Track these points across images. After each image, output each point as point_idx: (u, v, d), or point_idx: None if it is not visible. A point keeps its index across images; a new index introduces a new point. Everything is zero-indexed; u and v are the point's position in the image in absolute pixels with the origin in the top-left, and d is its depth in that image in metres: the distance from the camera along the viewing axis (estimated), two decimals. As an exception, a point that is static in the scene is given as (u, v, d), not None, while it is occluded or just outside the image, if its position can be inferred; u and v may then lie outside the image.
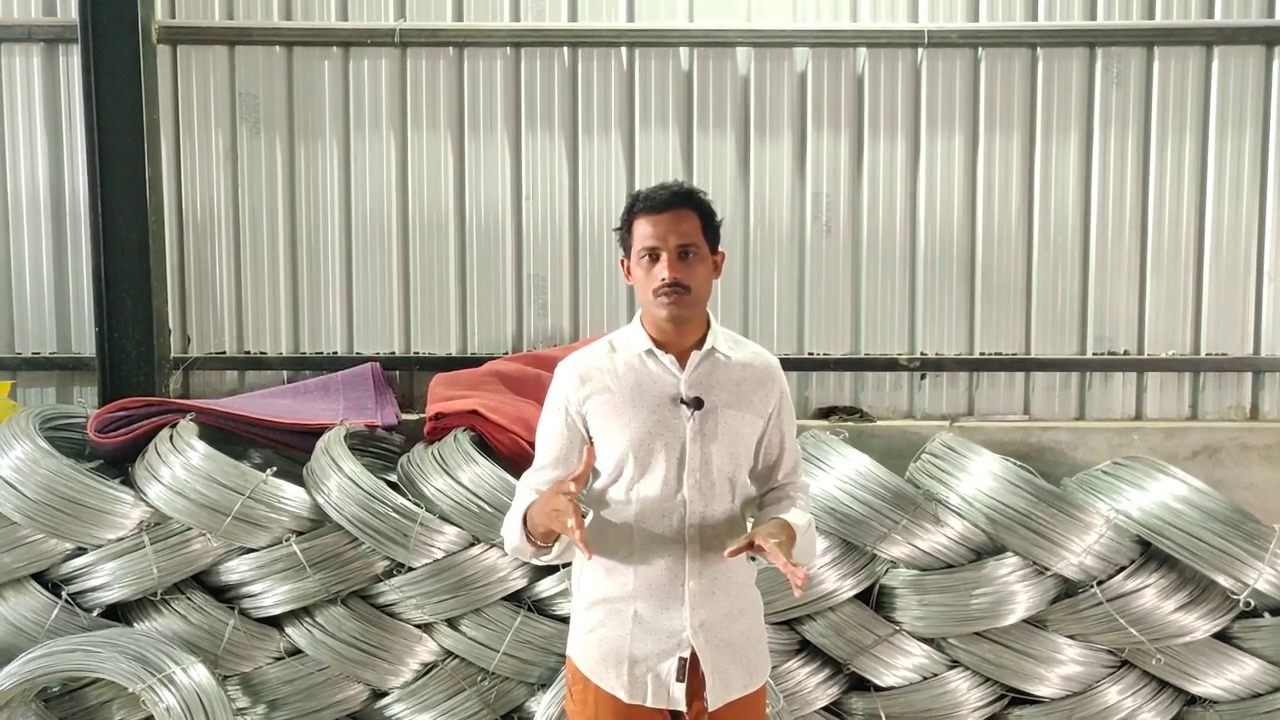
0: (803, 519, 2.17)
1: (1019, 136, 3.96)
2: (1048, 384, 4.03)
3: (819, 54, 3.95)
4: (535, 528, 2.09)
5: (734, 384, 2.18)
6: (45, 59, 3.95)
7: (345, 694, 3.35)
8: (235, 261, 4.02)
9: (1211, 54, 3.94)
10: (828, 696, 3.35)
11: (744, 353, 2.24)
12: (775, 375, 2.25)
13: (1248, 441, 3.82)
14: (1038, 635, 3.28)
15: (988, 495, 3.26)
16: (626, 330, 2.26)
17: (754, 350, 2.27)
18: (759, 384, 2.21)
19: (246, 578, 3.29)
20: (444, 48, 3.96)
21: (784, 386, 2.27)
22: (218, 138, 3.98)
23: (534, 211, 4.01)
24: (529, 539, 2.12)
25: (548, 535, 2.08)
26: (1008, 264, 3.99)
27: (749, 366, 2.21)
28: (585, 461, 2.06)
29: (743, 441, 2.18)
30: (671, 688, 2.14)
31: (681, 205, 2.14)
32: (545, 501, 2.05)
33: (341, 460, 3.28)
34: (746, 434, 2.18)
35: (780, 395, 2.25)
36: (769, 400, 2.22)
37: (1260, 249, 3.98)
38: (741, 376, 2.19)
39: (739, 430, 2.17)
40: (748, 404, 2.19)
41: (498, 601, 3.29)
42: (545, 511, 2.03)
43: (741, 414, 2.17)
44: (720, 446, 2.14)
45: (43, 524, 3.22)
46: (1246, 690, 3.31)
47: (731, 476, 2.17)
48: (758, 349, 2.28)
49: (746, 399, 2.19)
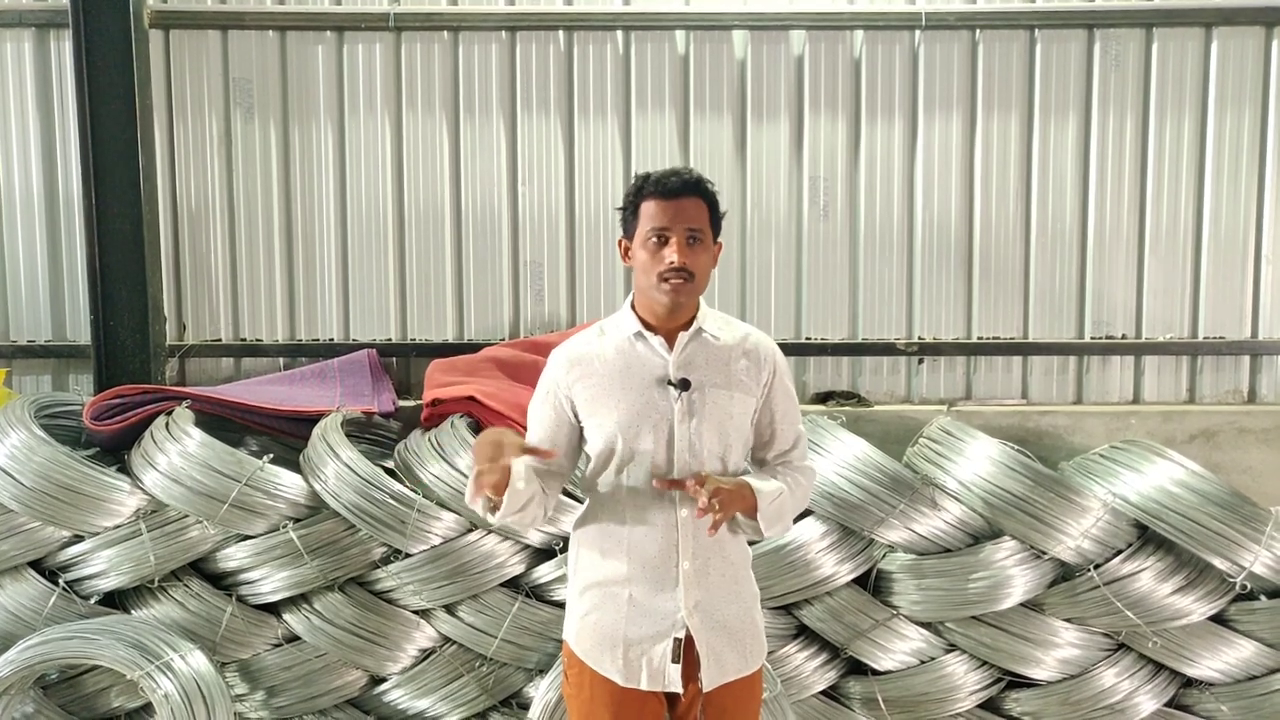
0: (769, 485, 2.16)
1: (1017, 119, 3.94)
2: (1045, 368, 4.02)
3: (816, 37, 3.92)
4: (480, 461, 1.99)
5: (722, 364, 2.18)
6: (36, 44, 3.92)
7: (343, 680, 3.36)
8: (230, 248, 4.00)
9: (1210, 35, 3.91)
10: (826, 681, 3.36)
11: (734, 333, 2.24)
12: (767, 355, 2.24)
13: (1245, 425, 3.82)
14: (1035, 619, 3.29)
15: (985, 479, 3.26)
16: (617, 315, 2.26)
17: (745, 331, 2.27)
18: (749, 363, 2.21)
19: (244, 565, 3.29)
20: (439, 31, 3.93)
21: (779, 366, 2.26)
22: (211, 123, 3.95)
23: (530, 197, 3.99)
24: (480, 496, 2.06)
25: (498, 488, 2.01)
26: (1005, 247, 3.98)
27: (739, 347, 2.22)
28: (548, 452, 2.10)
29: (733, 421, 2.17)
30: (667, 670, 2.14)
31: (693, 193, 2.16)
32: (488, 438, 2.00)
33: (338, 447, 3.28)
34: (737, 413, 2.18)
35: (773, 374, 2.24)
36: (759, 379, 2.22)
37: (1258, 232, 3.97)
38: (730, 356, 2.19)
39: (728, 410, 2.16)
40: (737, 384, 2.18)
41: (495, 587, 3.30)
42: (481, 443, 1.98)
43: (730, 394, 2.17)
44: (709, 426, 2.14)
45: (39, 512, 3.22)
46: (1243, 672, 3.32)
47: (722, 456, 2.17)
48: (750, 329, 2.28)
49: (736, 379, 2.18)
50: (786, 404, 2.28)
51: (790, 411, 2.29)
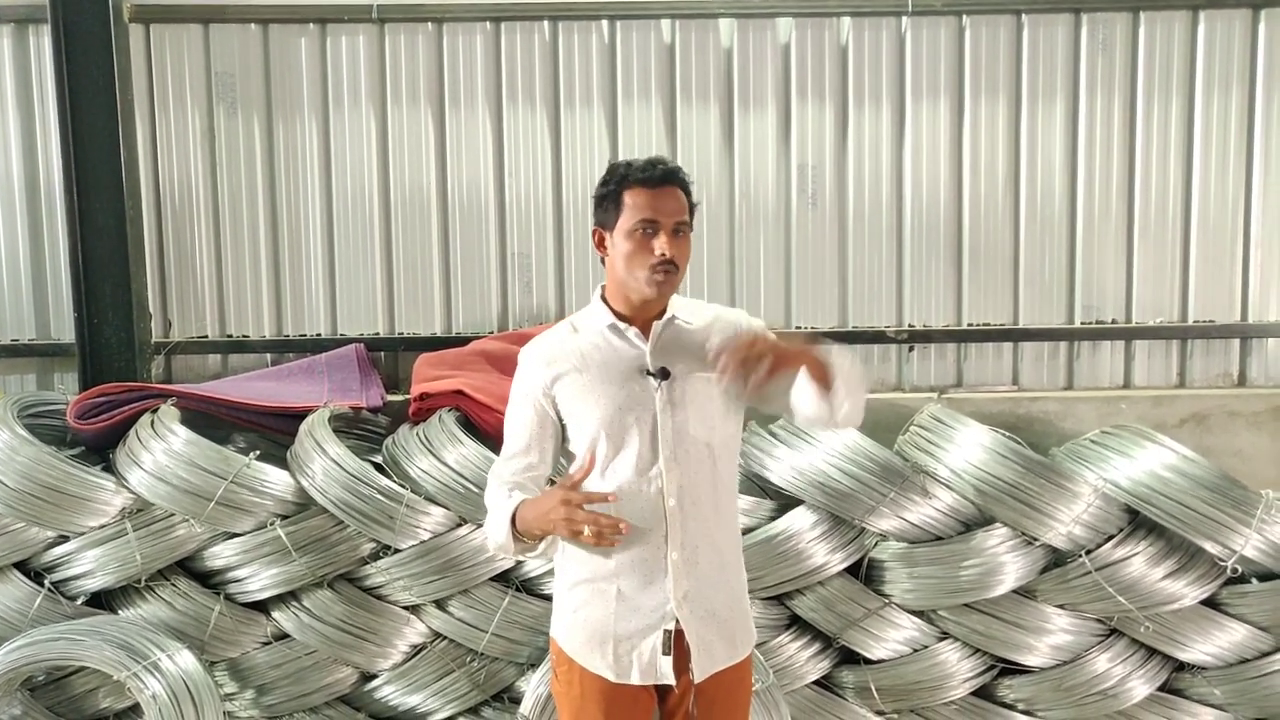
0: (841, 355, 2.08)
1: (1005, 104, 3.92)
2: (1036, 354, 4.01)
3: (802, 24, 3.90)
4: (529, 529, 2.07)
5: (698, 346, 2.16)
6: (15, 39, 3.87)
7: (334, 677, 3.34)
8: (215, 243, 3.96)
9: (1197, 18, 3.89)
10: (818, 670, 3.35)
11: (705, 316, 2.23)
12: (738, 324, 2.21)
13: (1235, 408, 3.81)
14: (1027, 605, 3.29)
15: (976, 467, 3.25)
16: (587, 309, 2.24)
17: (714, 312, 2.25)
18: (724, 340, 2.18)
19: (232, 563, 3.27)
20: (422, 23, 3.89)
21: (752, 325, 2.21)
22: (194, 118, 3.91)
23: (517, 188, 3.96)
24: (517, 538, 2.10)
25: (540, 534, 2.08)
26: (995, 233, 3.97)
27: (710, 328, 2.20)
28: (584, 468, 2.06)
29: (714, 403, 2.16)
30: (659, 663, 2.13)
31: (675, 182, 2.14)
32: (542, 507, 2.03)
33: (326, 443, 3.25)
34: (718, 394, 2.15)
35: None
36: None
37: (1247, 215, 3.95)
38: (705, 338, 2.17)
39: (709, 393, 2.14)
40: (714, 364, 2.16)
41: (486, 582, 3.28)
42: (544, 517, 2.02)
43: (708, 377, 2.13)
44: (692, 412, 2.13)
45: (23, 512, 3.19)
46: (1235, 656, 3.32)
47: (708, 441, 2.15)
48: (718, 309, 2.27)
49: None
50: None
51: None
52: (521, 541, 2.10)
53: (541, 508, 2.04)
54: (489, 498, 2.19)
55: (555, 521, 1.99)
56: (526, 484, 2.17)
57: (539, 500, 2.07)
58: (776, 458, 3.33)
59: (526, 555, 2.16)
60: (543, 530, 2.05)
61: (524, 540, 2.10)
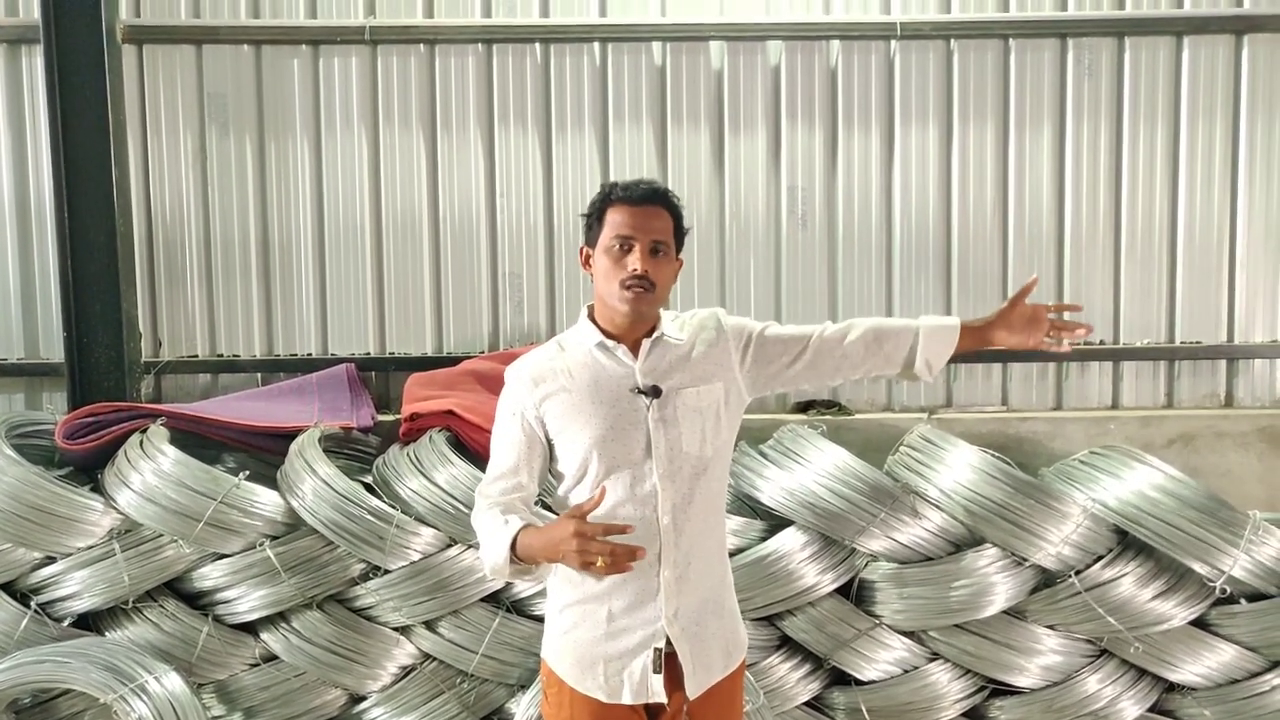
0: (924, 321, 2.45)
1: (992, 127, 3.96)
2: (1025, 374, 4.03)
3: (792, 47, 3.93)
4: (532, 556, 2.01)
5: (687, 361, 2.17)
6: (8, 60, 3.88)
7: (323, 699, 3.32)
8: (206, 263, 3.97)
9: (1181, 44, 3.94)
10: (809, 692, 3.34)
11: (689, 326, 2.23)
12: (720, 327, 2.23)
13: (1223, 429, 3.84)
14: (1017, 626, 3.29)
15: (966, 487, 3.26)
16: (574, 328, 2.24)
17: (698, 321, 2.25)
18: (708, 348, 2.20)
19: (220, 584, 3.25)
20: (415, 45, 3.92)
21: (729, 326, 2.24)
22: (186, 138, 3.92)
23: (508, 209, 3.98)
24: (514, 562, 2.05)
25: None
26: (983, 255, 3.99)
27: (694, 339, 2.20)
28: (595, 500, 2.00)
29: (705, 416, 2.15)
30: (650, 681, 2.12)
31: (659, 203, 2.15)
32: (552, 537, 1.96)
33: (316, 463, 3.24)
34: (705, 406, 2.15)
35: (735, 334, 2.23)
36: (724, 354, 2.21)
37: (1233, 236, 3.99)
38: (690, 350, 2.18)
39: (700, 407, 2.14)
40: (704, 376, 2.17)
41: (476, 603, 3.27)
42: (553, 547, 1.95)
43: (696, 389, 2.15)
44: (685, 428, 2.13)
45: (10, 533, 3.18)
46: (1224, 676, 3.32)
47: (701, 454, 2.14)
48: (699, 315, 2.26)
49: (701, 371, 2.17)
50: (770, 329, 2.26)
51: (780, 325, 2.28)
52: (519, 565, 2.05)
53: (551, 538, 1.97)
54: (478, 518, 2.15)
55: (566, 553, 1.92)
56: (515, 504, 2.13)
57: (547, 530, 2.01)
58: (767, 478, 3.33)
59: (522, 579, 2.13)
60: (549, 559, 1.99)
61: (521, 564, 2.06)
